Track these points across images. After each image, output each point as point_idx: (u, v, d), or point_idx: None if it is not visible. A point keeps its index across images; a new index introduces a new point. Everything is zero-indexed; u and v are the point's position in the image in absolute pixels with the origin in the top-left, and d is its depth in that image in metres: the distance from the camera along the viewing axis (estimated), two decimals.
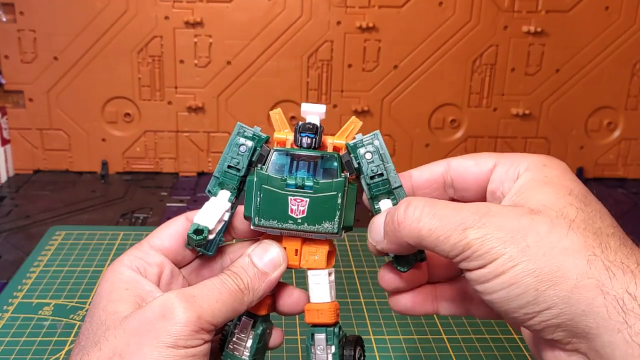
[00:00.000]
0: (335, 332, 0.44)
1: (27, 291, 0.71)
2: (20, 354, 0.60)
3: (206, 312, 0.38)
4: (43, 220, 0.90)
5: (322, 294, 0.44)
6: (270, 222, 0.41)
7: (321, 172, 0.42)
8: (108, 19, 0.99)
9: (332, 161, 0.42)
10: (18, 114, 1.04)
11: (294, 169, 0.42)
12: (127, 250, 0.43)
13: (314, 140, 0.42)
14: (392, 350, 0.63)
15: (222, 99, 1.05)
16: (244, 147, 0.43)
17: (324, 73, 1.04)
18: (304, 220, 0.41)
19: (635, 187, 1.09)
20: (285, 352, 0.62)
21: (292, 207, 0.41)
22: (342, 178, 0.41)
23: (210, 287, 0.40)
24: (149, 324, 0.37)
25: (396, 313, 0.46)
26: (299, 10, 1.00)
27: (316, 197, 0.41)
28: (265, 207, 0.41)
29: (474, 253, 0.35)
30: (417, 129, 1.08)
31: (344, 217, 0.41)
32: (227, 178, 0.43)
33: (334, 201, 0.41)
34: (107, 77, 1.02)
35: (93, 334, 0.38)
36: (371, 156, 0.43)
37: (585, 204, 0.37)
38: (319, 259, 0.43)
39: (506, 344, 0.65)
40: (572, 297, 0.33)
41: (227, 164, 0.43)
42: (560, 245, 0.34)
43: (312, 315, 0.44)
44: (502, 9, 1.02)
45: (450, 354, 0.63)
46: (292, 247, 0.43)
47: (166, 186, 1.04)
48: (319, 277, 0.44)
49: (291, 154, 0.42)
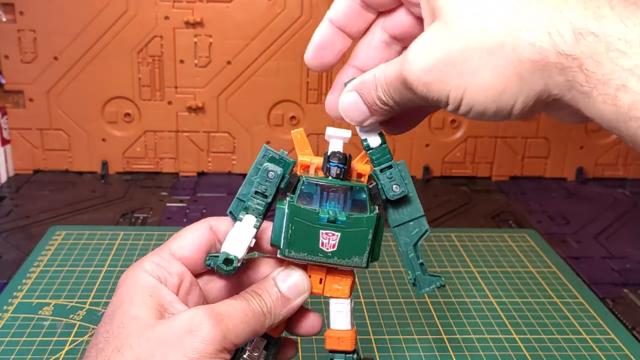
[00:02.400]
0: (354, 359, 0.45)
1: (27, 291, 0.71)
2: (20, 354, 0.60)
3: (231, 332, 0.38)
4: (43, 220, 0.90)
5: (343, 321, 0.45)
6: (300, 254, 0.42)
7: (350, 204, 0.42)
8: (108, 19, 0.99)
9: (361, 193, 0.42)
10: (18, 114, 1.04)
11: (324, 200, 0.42)
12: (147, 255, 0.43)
13: (343, 170, 0.42)
14: (392, 350, 0.63)
15: (222, 99, 1.05)
16: (273, 173, 0.42)
17: (324, 73, 1.04)
18: (334, 254, 0.41)
19: (635, 187, 1.09)
20: None
21: (323, 240, 0.41)
22: (374, 214, 0.41)
23: (237, 307, 0.40)
24: (175, 337, 0.37)
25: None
26: (299, 10, 1.00)
27: (348, 232, 0.41)
28: (296, 239, 0.41)
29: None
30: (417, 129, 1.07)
31: (373, 250, 0.42)
32: (253, 203, 0.43)
33: (365, 237, 0.41)
34: (107, 77, 1.02)
35: (114, 338, 0.38)
36: (398, 189, 0.43)
37: None
38: (342, 288, 0.44)
39: (506, 344, 0.65)
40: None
41: (255, 189, 0.42)
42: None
43: (332, 342, 0.45)
44: None
45: (450, 354, 0.63)
46: (317, 276, 0.44)
47: (166, 186, 1.04)
48: (341, 305, 0.44)
49: (320, 185, 0.42)
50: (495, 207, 1.00)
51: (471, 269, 0.79)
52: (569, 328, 0.68)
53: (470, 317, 0.69)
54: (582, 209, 0.99)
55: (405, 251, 0.45)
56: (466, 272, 0.79)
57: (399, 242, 0.45)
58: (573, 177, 1.12)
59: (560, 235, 0.90)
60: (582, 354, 0.63)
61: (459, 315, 0.69)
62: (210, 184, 1.05)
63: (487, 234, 0.88)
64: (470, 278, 0.77)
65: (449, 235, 0.88)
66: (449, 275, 0.78)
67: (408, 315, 0.69)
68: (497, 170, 1.11)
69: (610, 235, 0.91)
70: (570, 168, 1.12)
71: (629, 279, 0.79)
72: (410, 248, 0.44)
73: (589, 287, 0.76)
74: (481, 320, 0.69)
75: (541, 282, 0.77)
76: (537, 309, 0.71)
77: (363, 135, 0.44)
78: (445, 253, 0.83)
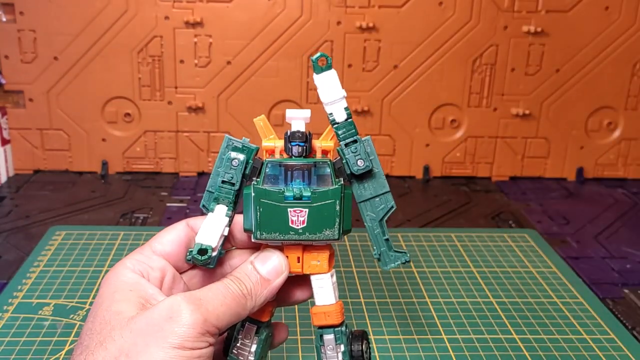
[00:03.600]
0: (343, 331, 0.45)
1: (27, 291, 0.71)
2: (20, 354, 0.60)
3: (211, 315, 0.39)
4: (43, 220, 0.90)
5: (327, 296, 0.45)
6: (272, 234, 0.42)
7: (315, 180, 0.42)
8: (108, 19, 0.99)
9: (324, 168, 0.43)
10: (18, 114, 1.04)
11: (289, 179, 0.42)
12: (129, 254, 0.44)
13: (304, 148, 0.43)
14: (392, 350, 0.63)
15: (222, 99, 1.05)
16: (236, 160, 0.43)
17: None
18: (305, 230, 0.42)
19: (635, 187, 1.09)
20: (286, 352, 0.62)
21: (292, 218, 0.42)
22: (338, 186, 0.42)
23: (215, 291, 0.41)
24: (155, 325, 0.37)
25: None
26: (299, 10, 1.00)
27: (315, 207, 0.42)
28: (265, 220, 0.42)
29: None
30: (417, 129, 1.08)
31: (343, 222, 0.42)
32: (222, 193, 0.43)
33: (333, 209, 0.42)
34: (107, 77, 1.02)
35: (97, 334, 0.39)
36: (363, 163, 0.43)
37: None
38: (320, 264, 0.44)
39: (506, 344, 0.65)
40: None
41: (221, 179, 0.43)
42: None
43: (319, 318, 0.45)
44: (502, 9, 1.02)
45: (450, 354, 0.63)
46: (294, 255, 0.44)
47: (166, 186, 1.04)
48: (322, 281, 0.45)
49: (284, 164, 0.42)
50: (495, 207, 1.00)
51: (471, 269, 0.79)
52: (569, 328, 0.68)
53: (470, 317, 0.69)
54: (582, 209, 0.99)
55: (370, 226, 0.45)
56: (466, 272, 0.79)
57: (364, 218, 0.45)
58: (573, 177, 1.12)
59: (560, 235, 0.90)
60: (582, 354, 0.63)
61: (459, 315, 0.69)
62: None
63: (487, 234, 0.88)
64: (470, 278, 0.77)
65: (449, 235, 0.88)
66: (449, 275, 0.78)
67: (408, 315, 0.69)
68: (497, 170, 1.11)
69: (610, 235, 0.91)
70: (570, 168, 1.12)
71: (629, 279, 0.79)
72: (376, 224, 0.45)
73: (589, 287, 0.76)
74: (481, 320, 0.69)
75: (541, 282, 0.77)
76: (537, 309, 0.71)
77: (329, 110, 0.44)
78: (445, 253, 0.83)
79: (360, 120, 1.05)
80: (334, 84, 0.43)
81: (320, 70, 0.43)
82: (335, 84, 0.43)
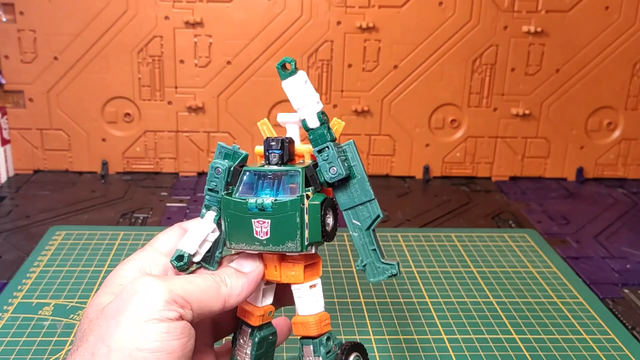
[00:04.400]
0: (322, 343, 0.44)
1: (27, 291, 0.71)
2: (20, 354, 0.60)
3: (177, 287, 0.39)
4: (43, 220, 0.90)
5: (305, 306, 0.44)
6: (240, 245, 0.42)
7: (288, 189, 0.41)
8: (108, 19, 0.99)
9: (295, 177, 0.41)
10: (18, 114, 1.04)
11: (259, 188, 0.42)
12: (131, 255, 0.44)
13: (280, 155, 0.42)
14: (392, 350, 0.63)
15: (222, 99, 1.05)
16: (219, 169, 0.43)
17: (324, 73, 1.04)
18: (268, 242, 0.41)
19: (635, 187, 1.09)
20: (285, 352, 0.62)
21: (256, 229, 0.41)
22: (297, 197, 0.40)
23: (185, 275, 0.42)
24: (123, 303, 0.38)
25: None
26: (299, 10, 1.00)
27: (276, 218, 0.40)
28: (232, 231, 0.42)
29: None
30: (417, 129, 1.08)
31: (307, 234, 0.41)
32: (210, 201, 0.44)
33: (293, 220, 0.40)
34: (107, 77, 1.02)
35: (81, 331, 0.39)
36: (336, 170, 0.42)
37: None
38: (295, 274, 0.44)
39: (506, 344, 0.65)
40: None
41: (207, 187, 0.44)
42: None
43: (297, 329, 0.45)
44: (502, 9, 1.02)
45: (450, 354, 0.63)
46: (272, 263, 0.44)
47: (166, 186, 1.04)
48: (299, 291, 0.44)
49: (258, 173, 0.42)
50: (495, 207, 1.00)
51: (471, 269, 0.79)
52: (569, 328, 0.68)
53: (470, 317, 0.69)
54: (582, 209, 0.99)
55: (356, 236, 0.43)
56: (466, 272, 0.79)
57: (349, 227, 0.43)
58: (573, 177, 1.12)
59: (560, 235, 0.90)
60: (582, 354, 0.63)
61: (459, 315, 0.69)
62: None
63: (487, 234, 0.88)
64: (470, 278, 0.77)
65: (449, 235, 0.88)
66: (449, 275, 0.78)
67: (408, 316, 0.69)
68: (497, 170, 1.11)
69: (610, 235, 0.91)
70: (570, 168, 1.12)
71: (629, 279, 0.79)
72: (363, 233, 0.43)
73: (589, 287, 0.76)
74: (481, 320, 0.69)
75: (541, 282, 0.77)
76: (537, 309, 0.71)
77: (302, 115, 0.43)
78: (445, 253, 0.83)
79: (360, 120, 1.05)
80: (302, 88, 0.42)
81: (285, 75, 0.42)
82: (304, 88, 0.42)
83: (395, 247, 0.84)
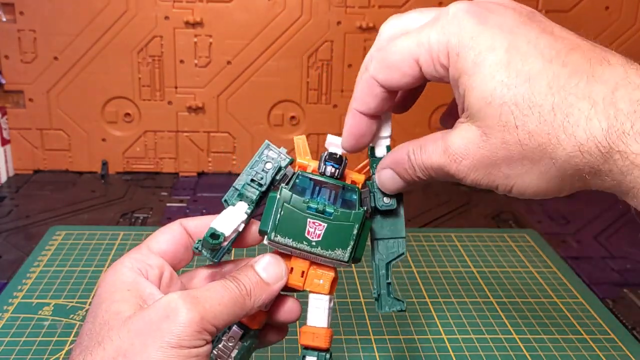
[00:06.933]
0: (326, 358, 0.44)
1: (27, 291, 0.71)
2: (20, 354, 0.60)
3: (209, 313, 0.39)
4: (43, 220, 0.90)
5: (320, 318, 0.44)
6: (285, 239, 0.42)
7: (340, 202, 0.43)
8: (108, 19, 0.99)
9: (352, 193, 0.43)
10: (18, 114, 1.04)
11: (315, 193, 0.43)
12: (126, 253, 0.44)
13: (337, 170, 0.44)
14: (392, 350, 0.63)
15: (222, 99, 1.05)
16: (270, 164, 0.44)
17: (324, 73, 1.04)
18: (318, 244, 0.42)
19: None
20: (285, 352, 0.62)
21: (309, 229, 0.42)
22: (361, 211, 0.43)
23: (213, 289, 0.40)
24: (153, 324, 0.37)
25: None
26: (299, 10, 1.00)
27: (334, 224, 0.42)
28: (283, 224, 0.42)
29: None
30: (417, 129, 1.08)
31: (356, 248, 0.43)
32: (247, 191, 0.44)
33: (350, 231, 0.42)
34: (107, 77, 1.02)
35: (96, 334, 0.38)
36: (389, 200, 0.45)
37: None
38: (323, 283, 0.44)
39: (506, 344, 0.65)
40: None
41: (251, 178, 0.44)
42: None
43: (307, 338, 0.44)
44: None
45: (450, 354, 0.63)
46: (300, 268, 0.44)
47: (166, 186, 1.04)
48: (320, 301, 0.44)
49: (314, 179, 0.43)
50: (495, 207, 1.00)
51: (471, 269, 0.79)
52: (569, 328, 0.68)
53: (470, 317, 0.69)
54: (582, 209, 0.99)
55: (377, 265, 0.45)
56: (466, 272, 0.79)
57: (373, 255, 0.45)
58: None
59: (560, 235, 0.90)
60: (582, 354, 0.63)
61: (459, 315, 0.69)
62: (210, 184, 1.05)
63: (487, 234, 0.88)
64: (470, 278, 0.77)
65: (449, 235, 0.88)
66: (449, 275, 0.78)
67: (408, 315, 0.69)
68: None
69: (610, 235, 0.91)
70: None
71: (629, 279, 0.79)
72: (383, 265, 0.45)
73: (589, 287, 0.76)
74: (481, 320, 0.69)
75: (541, 282, 0.77)
76: (537, 309, 0.71)
77: (373, 143, 0.45)
78: (445, 253, 0.83)
79: None
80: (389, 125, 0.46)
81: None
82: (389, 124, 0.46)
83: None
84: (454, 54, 0.37)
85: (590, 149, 0.34)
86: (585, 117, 0.33)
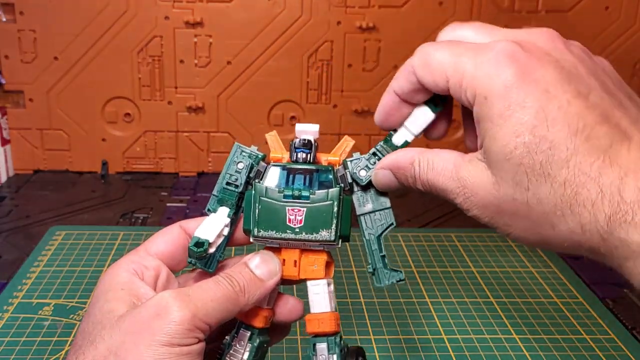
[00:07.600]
0: (336, 342, 0.44)
1: (27, 291, 0.71)
2: (20, 354, 0.60)
3: (200, 310, 0.38)
4: (43, 220, 0.90)
5: (322, 304, 0.44)
6: (269, 232, 0.42)
7: (317, 185, 0.43)
8: (108, 19, 0.99)
9: (327, 174, 0.43)
10: (18, 114, 1.04)
11: (290, 181, 0.43)
12: (124, 256, 0.44)
13: (309, 155, 0.44)
14: (392, 350, 0.63)
15: (222, 99, 1.05)
16: (242, 164, 0.45)
17: (324, 73, 1.04)
18: (302, 230, 0.42)
19: None
20: (285, 352, 0.62)
21: (289, 217, 0.42)
22: (337, 187, 0.43)
23: (205, 287, 0.40)
24: (144, 322, 0.37)
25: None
26: (299, 10, 1.00)
27: (313, 207, 0.42)
28: (263, 218, 0.42)
29: None
30: None
31: (340, 225, 0.43)
32: (225, 195, 0.45)
33: (330, 210, 0.42)
34: (107, 77, 1.02)
35: (90, 333, 0.39)
36: (365, 173, 0.45)
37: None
38: (317, 269, 0.44)
39: (506, 344, 0.65)
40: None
41: (226, 181, 0.45)
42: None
43: (312, 325, 0.44)
44: (502, 9, 1.02)
45: (450, 354, 0.63)
46: (291, 259, 0.44)
47: (166, 186, 1.04)
48: (318, 287, 0.44)
49: (288, 168, 0.43)
50: None
51: (471, 269, 0.79)
52: (569, 328, 0.68)
53: (470, 317, 0.69)
54: None
55: (368, 240, 0.45)
56: (466, 272, 0.79)
57: (362, 231, 0.45)
58: None
59: None
60: (582, 354, 0.63)
61: (459, 315, 0.69)
62: (210, 184, 1.04)
63: (487, 234, 0.88)
64: (470, 278, 0.77)
65: (449, 235, 0.88)
66: (449, 275, 0.78)
67: (408, 316, 0.69)
68: None
69: None
70: None
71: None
72: (374, 239, 0.45)
73: (589, 287, 0.76)
74: (481, 320, 0.69)
75: (541, 282, 0.77)
76: (537, 309, 0.71)
77: (399, 130, 0.47)
78: (445, 253, 0.83)
79: (360, 120, 1.05)
80: (425, 123, 0.47)
81: (435, 110, 0.47)
82: (424, 124, 0.47)
83: (395, 247, 0.84)
84: (482, 97, 0.37)
85: (592, 231, 0.35)
86: (591, 200, 0.34)
